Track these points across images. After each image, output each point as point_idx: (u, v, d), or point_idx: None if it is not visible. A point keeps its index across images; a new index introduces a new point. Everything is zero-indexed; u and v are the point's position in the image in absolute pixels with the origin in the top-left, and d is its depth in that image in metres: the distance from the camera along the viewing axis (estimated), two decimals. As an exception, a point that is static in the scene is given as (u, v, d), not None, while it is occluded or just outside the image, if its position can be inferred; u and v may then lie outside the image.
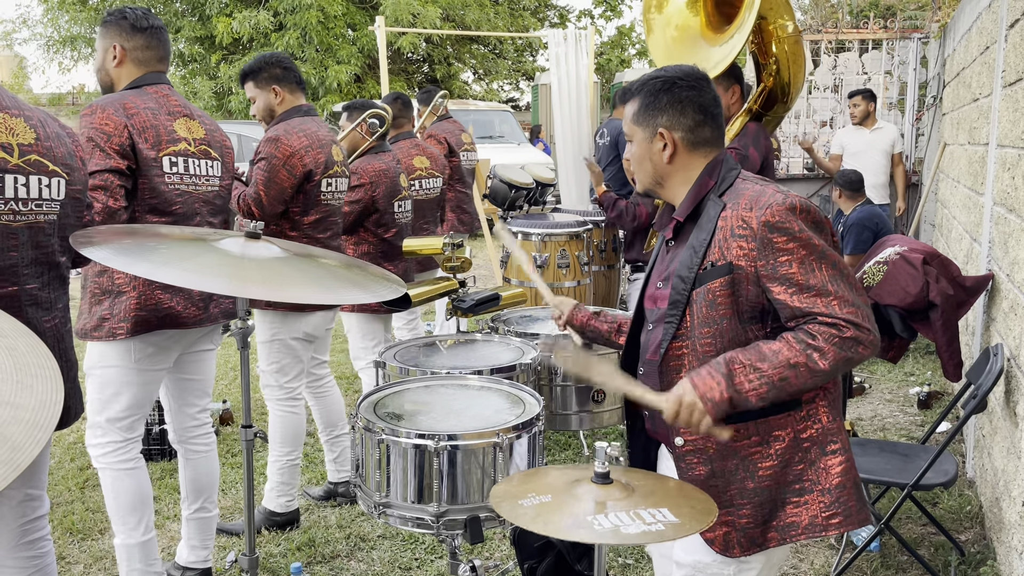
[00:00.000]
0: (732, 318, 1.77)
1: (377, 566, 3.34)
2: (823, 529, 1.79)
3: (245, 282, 1.96)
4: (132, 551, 2.88)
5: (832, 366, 1.67)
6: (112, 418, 2.84)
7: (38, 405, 1.05)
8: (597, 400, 3.08)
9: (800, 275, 1.70)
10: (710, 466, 1.83)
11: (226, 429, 4.85)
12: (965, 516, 3.68)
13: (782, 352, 1.68)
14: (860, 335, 1.67)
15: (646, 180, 1.93)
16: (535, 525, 1.50)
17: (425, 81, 20.10)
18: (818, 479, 1.79)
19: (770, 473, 1.79)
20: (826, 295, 1.69)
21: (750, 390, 1.68)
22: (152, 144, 2.73)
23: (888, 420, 4.90)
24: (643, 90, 1.88)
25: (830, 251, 1.73)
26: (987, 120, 4.19)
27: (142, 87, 2.81)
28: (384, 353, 2.77)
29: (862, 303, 1.71)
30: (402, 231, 4.09)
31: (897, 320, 3.70)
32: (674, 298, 1.82)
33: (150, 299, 2.75)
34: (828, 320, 1.68)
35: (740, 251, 1.74)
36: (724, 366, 1.70)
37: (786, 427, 1.79)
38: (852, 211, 5.72)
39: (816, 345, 1.67)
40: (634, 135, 1.91)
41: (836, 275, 1.71)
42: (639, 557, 3.38)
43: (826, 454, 1.80)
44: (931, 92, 7.67)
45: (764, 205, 1.73)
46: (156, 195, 2.74)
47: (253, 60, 3.48)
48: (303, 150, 3.33)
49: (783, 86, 3.29)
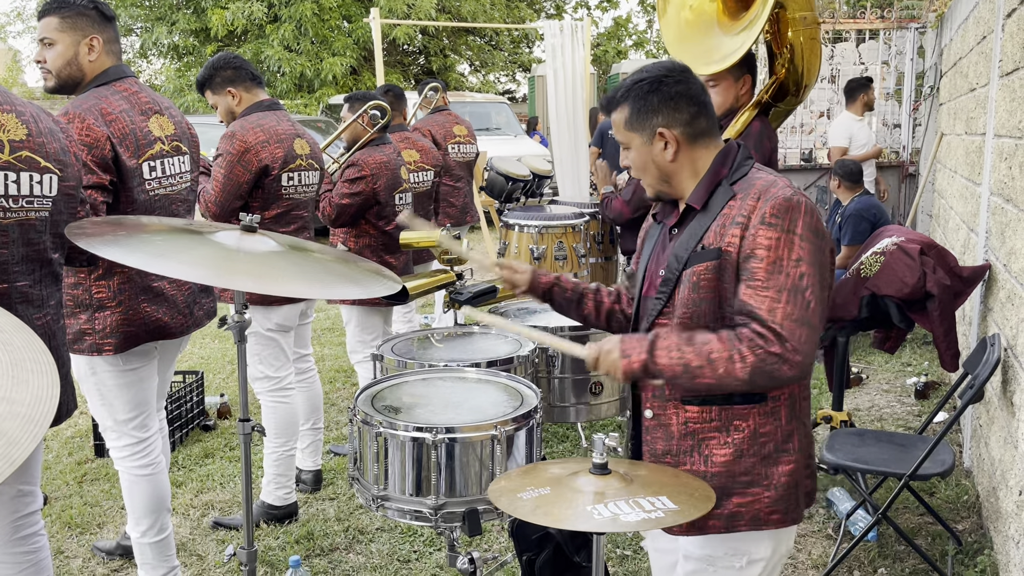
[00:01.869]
0: (712, 303, 1.78)
1: (376, 559, 3.34)
2: (763, 524, 1.82)
3: (238, 275, 1.95)
4: (145, 548, 2.92)
5: (749, 376, 1.67)
6: (120, 420, 2.84)
7: (34, 400, 1.04)
8: (595, 392, 3.09)
9: (763, 273, 1.69)
10: (668, 443, 1.85)
11: (223, 423, 4.85)
12: (962, 505, 3.69)
13: (710, 343, 1.69)
14: (786, 355, 1.65)
15: (653, 183, 1.89)
16: (534, 517, 1.50)
17: (421, 73, 20.05)
18: (767, 475, 1.81)
19: (723, 461, 1.81)
20: (776, 301, 1.67)
21: (665, 365, 1.71)
22: (132, 152, 2.65)
23: (885, 410, 4.91)
24: (631, 95, 1.84)
25: (806, 264, 1.69)
26: (984, 110, 4.18)
27: (110, 83, 2.70)
28: (382, 346, 2.77)
29: (810, 323, 1.68)
30: (402, 225, 4.08)
31: (894, 310, 3.70)
32: (667, 276, 1.84)
33: (136, 313, 2.72)
34: (760, 329, 1.67)
35: (733, 238, 1.74)
36: (653, 335, 1.75)
37: (748, 418, 1.80)
38: (850, 201, 5.72)
39: (740, 350, 1.67)
40: (631, 141, 1.86)
41: (797, 288, 1.68)
42: (637, 549, 3.39)
43: (779, 452, 1.82)
44: (928, 82, 7.66)
45: (770, 197, 1.73)
46: (136, 207, 2.68)
47: (203, 68, 3.46)
48: (258, 145, 3.31)
49: (796, 79, 3.19)
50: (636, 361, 1.73)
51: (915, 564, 3.25)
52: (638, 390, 2.01)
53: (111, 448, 2.91)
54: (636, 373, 1.75)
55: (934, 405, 4.35)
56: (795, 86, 3.19)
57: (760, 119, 3.16)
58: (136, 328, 2.73)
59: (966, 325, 4.38)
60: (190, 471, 4.17)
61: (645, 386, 1.89)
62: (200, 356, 6.22)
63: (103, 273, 2.68)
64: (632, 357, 1.74)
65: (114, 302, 2.69)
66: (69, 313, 2.70)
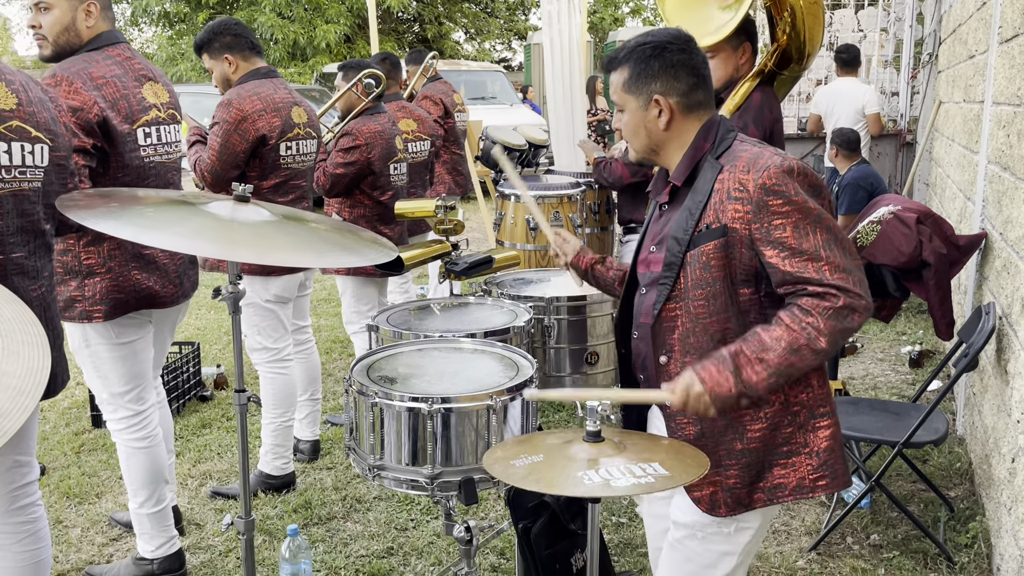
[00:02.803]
0: (725, 280, 1.77)
1: (373, 527, 3.36)
2: (811, 491, 1.82)
3: (235, 246, 1.94)
4: (143, 519, 2.94)
5: (831, 342, 1.67)
6: (115, 393, 2.85)
7: (25, 372, 1.04)
8: (590, 362, 3.09)
9: (793, 239, 1.69)
10: (699, 426, 1.84)
11: (220, 393, 4.86)
12: (955, 473, 3.72)
13: (784, 339, 1.67)
14: (852, 302, 1.66)
15: (641, 149, 1.89)
16: (527, 483, 1.51)
17: (416, 41, 19.84)
18: (807, 442, 1.81)
19: (759, 435, 1.81)
20: (818, 260, 1.68)
21: (758, 382, 1.67)
22: (125, 117, 2.62)
23: (880, 379, 4.94)
24: (632, 57, 1.82)
25: (825, 216, 1.71)
26: (983, 77, 4.15)
27: (102, 48, 2.65)
28: (377, 317, 2.76)
29: (855, 268, 1.70)
30: (397, 194, 4.06)
31: (890, 279, 3.70)
32: (668, 260, 1.81)
33: (127, 280, 2.70)
34: (818, 290, 1.66)
35: (735, 213, 1.73)
36: (731, 361, 1.68)
37: (778, 391, 1.79)
38: (848, 171, 5.70)
39: (813, 323, 1.65)
40: (626, 104, 1.86)
41: (830, 240, 1.69)
42: (632, 516, 3.42)
43: (815, 418, 1.82)
44: (927, 49, 7.60)
45: (761, 167, 1.72)
46: (128, 172, 2.64)
47: (202, 31, 3.41)
48: (255, 114, 3.27)
49: (799, 44, 3.14)
50: (730, 395, 1.68)
51: (907, 530, 3.29)
52: (628, 362, 2.01)
53: (108, 421, 2.92)
54: (732, 404, 1.70)
55: (928, 374, 4.37)
56: (798, 52, 3.14)
57: (761, 89, 3.11)
58: (126, 295, 2.71)
59: (961, 294, 4.38)
60: (187, 441, 4.19)
61: (658, 373, 1.87)
62: (196, 327, 6.21)
63: (92, 239, 2.66)
64: (722, 392, 1.67)
65: (103, 268, 2.67)
66: (59, 280, 2.68)
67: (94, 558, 3.18)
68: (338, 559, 3.14)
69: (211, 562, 3.13)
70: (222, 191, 3.25)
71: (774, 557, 3.14)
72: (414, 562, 3.12)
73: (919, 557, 3.12)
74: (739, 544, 1.88)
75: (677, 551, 1.93)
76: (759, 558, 3.12)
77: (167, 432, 3.16)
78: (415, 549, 3.20)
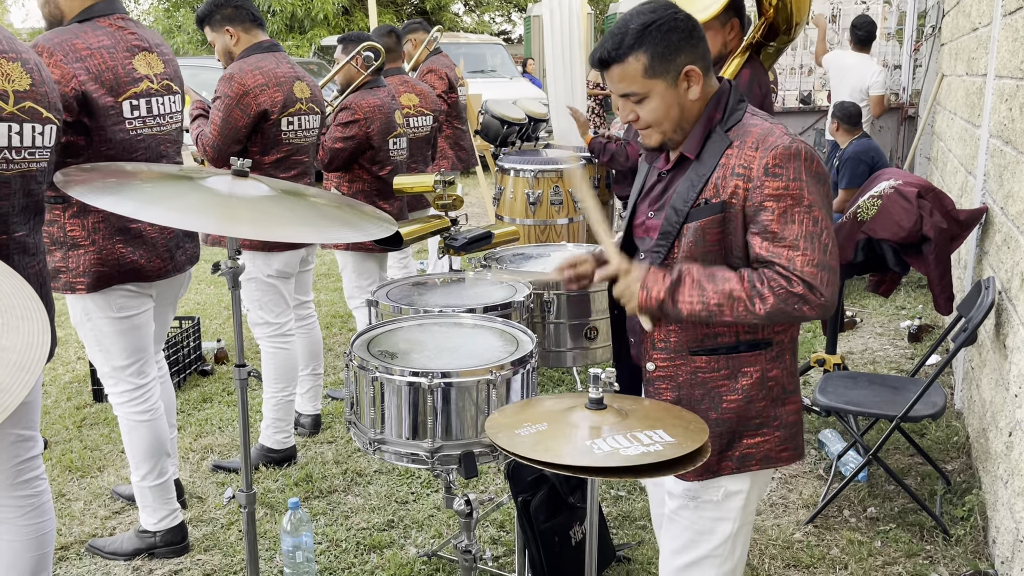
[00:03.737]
0: (718, 255, 1.78)
1: (374, 500, 3.39)
2: (776, 462, 1.88)
3: (234, 221, 1.94)
4: (145, 492, 2.97)
5: (768, 314, 1.70)
6: (118, 367, 2.85)
7: (25, 346, 1.04)
8: (590, 337, 3.10)
9: (777, 224, 1.70)
10: (677, 393, 1.87)
11: (220, 368, 4.87)
12: (952, 446, 3.75)
13: (731, 282, 1.71)
14: (808, 295, 1.68)
15: (671, 128, 1.80)
16: (535, 453, 1.51)
17: (414, 13, 19.66)
18: (777, 416, 1.86)
19: (734, 407, 1.84)
20: (794, 249, 1.68)
21: (684, 302, 1.72)
22: (109, 89, 2.58)
23: (879, 353, 4.95)
24: (646, 40, 1.72)
25: (818, 208, 1.70)
26: (986, 50, 4.12)
27: (93, 19, 2.62)
28: (377, 292, 2.76)
29: (829, 267, 1.70)
30: (397, 169, 4.04)
31: (890, 254, 3.70)
32: (665, 229, 1.82)
33: (111, 253, 2.69)
34: (784, 272, 1.69)
35: (736, 189, 1.73)
36: (677, 273, 1.74)
37: (755, 364, 1.83)
38: (849, 144, 5.67)
39: (761, 291, 1.69)
40: (651, 89, 1.75)
41: (813, 232, 1.69)
42: (631, 489, 3.45)
43: (787, 393, 1.87)
44: (930, 21, 7.53)
45: (770, 146, 1.71)
46: (112, 145, 2.62)
47: (204, 3, 3.38)
48: (257, 88, 3.25)
49: (787, 15, 3.12)
50: (654, 298, 1.74)
51: (904, 503, 3.31)
52: (621, 324, 2.02)
53: (110, 394, 2.93)
54: (651, 308, 1.75)
55: (927, 348, 4.38)
56: (785, 24, 3.12)
57: (750, 64, 3.09)
58: (109, 268, 2.70)
59: (961, 268, 4.38)
60: (188, 416, 4.21)
61: (644, 337, 1.89)
62: (196, 302, 6.22)
63: (77, 211, 2.64)
64: (651, 292, 1.74)
65: (87, 241, 2.66)
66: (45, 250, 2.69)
67: (97, 531, 3.20)
68: (339, 532, 3.17)
69: (213, 535, 3.16)
70: (224, 166, 3.23)
71: (771, 530, 3.16)
72: (414, 535, 3.15)
73: (915, 530, 3.15)
74: (731, 510, 1.91)
75: (675, 523, 1.97)
76: (756, 531, 3.15)
77: (169, 406, 3.17)
78: (415, 522, 3.23)
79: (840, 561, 2.98)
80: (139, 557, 3.00)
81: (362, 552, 3.06)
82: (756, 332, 1.82)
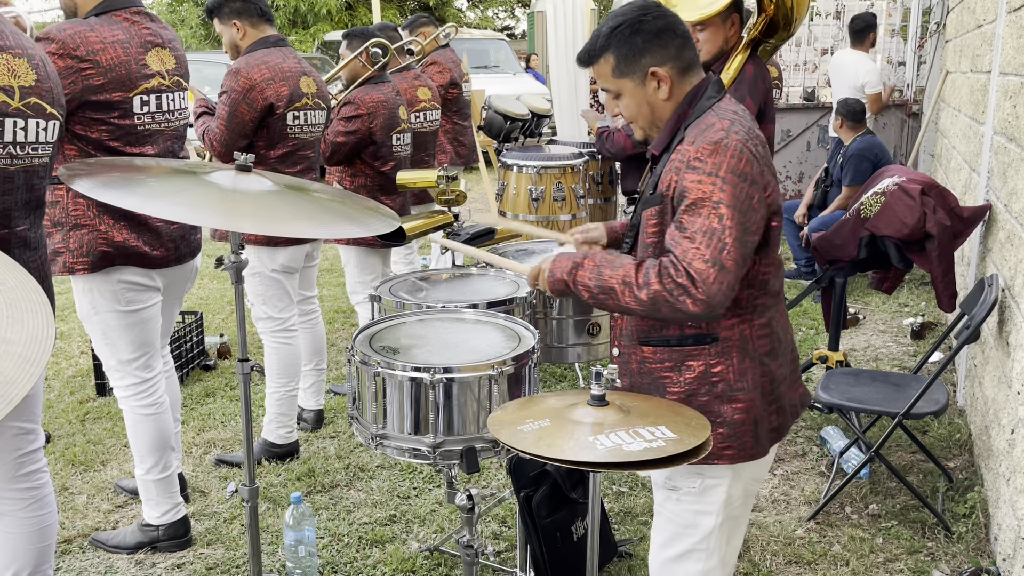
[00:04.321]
0: (658, 247, 1.82)
1: (376, 495, 3.40)
2: (716, 458, 1.88)
3: (237, 216, 1.94)
4: (149, 485, 2.98)
5: (649, 304, 1.71)
6: (123, 360, 2.86)
7: (30, 340, 1.04)
8: (592, 333, 3.10)
9: (684, 215, 1.72)
10: (629, 380, 1.95)
11: (223, 363, 4.88)
12: (954, 444, 3.75)
13: (623, 269, 1.76)
14: (690, 287, 1.67)
15: (647, 125, 1.88)
16: (538, 449, 1.51)
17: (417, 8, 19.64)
18: (720, 412, 1.86)
19: (676, 399, 1.86)
20: (691, 241, 1.69)
21: (581, 283, 1.81)
22: (119, 84, 2.59)
23: (881, 350, 4.95)
24: (612, 42, 1.81)
25: (725, 206, 1.68)
26: (991, 47, 4.11)
27: (110, 12, 2.63)
28: (379, 287, 2.76)
29: (725, 268, 1.67)
30: (400, 164, 4.04)
31: (893, 251, 3.69)
32: (633, 221, 1.91)
33: (115, 236, 2.69)
34: (674, 260, 1.70)
35: (671, 182, 1.77)
36: (579, 257, 1.84)
37: (699, 358, 1.85)
38: (852, 141, 5.66)
39: (649, 278, 1.72)
40: (622, 88, 1.84)
41: (714, 230, 1.67)
42: (633, 485, 3.45)
43: (733, 391, 1.85)
44: (934, 18, 7.51)
45: (700, 141, 1.73)
46: (119, 138, 2.64)
47: None
48: (263, 83, 3.26)
49: (786, 12, 3.14)
50: (559, 280, 1.85)
51: (906, 500, 3.31)
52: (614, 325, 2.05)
53: (115, 387, 2.93)
54: (560, 289, 1.86)
55: (930, 346, 4.37)
56: (784, 20, 3.13)
57: (752, 61, 3.10)
58: (113, 249, 2.70)
59: (964, 266, 4.38)
60: (191, 410, 4.22)
61: (614, 324, 1.98)
62: (199, 297, 6.23)
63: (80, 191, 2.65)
64: (556, 275, 1.85)
65: (92, 221, 2.66)
66: (45, 233, 2.69)
67: (100, 524, 3.21)
68: (341, 526, 3.17)
69: (215, 529, 3.17)
70: (231, 160, 3.23)
71: (773, 526, 3.17)
72: (416, 530, 3.16)
73: (917, 527, 3.15)
74: (712, 503, 1.91)
75: (660, 515, 2.00)
76: (758, 527, 3.15)
77: (174, 400, 3.18)
78: (417, 517, 3.24)
79: (842, 558, 2.98)
80: (142, 551, 3.01)
81: (364, 547, 3.07)
82: (701, 326, 1.84)
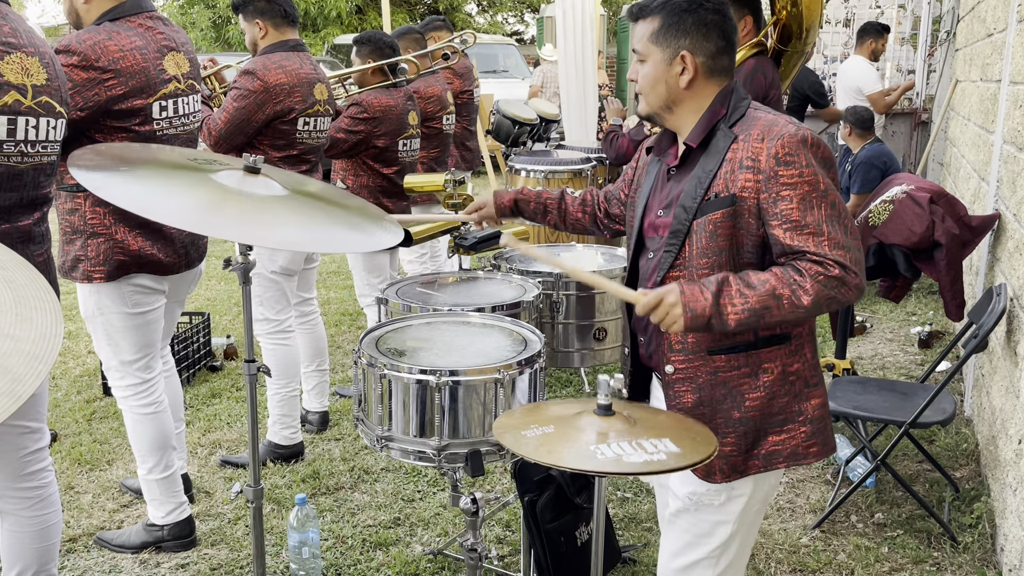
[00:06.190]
0: (731, 250, 1.78)
1: (380, 497, 3.40)
2: (803, 458, 1.86)
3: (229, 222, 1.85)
4: (152, 485, 2.98)
5: (814, 303, 1.69)
6: (125, 361, 2.86)
7: (38, 337, 1.05)
8: (598, 338, 3.09)
9: (798, 212, 1.70)
10: (698, 395, 1.85)
11: (230, 364, 4.89)
12: (961, 453, 3.73)
13: (769, 282, 1.69)
14: (845, 276, 1.68)
15: (656, 103, 1.86)
16: (538, 455, 1.51)
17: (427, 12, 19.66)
18: (801, 411, 1.85)
19: (757, 404, 1.83)
20: (819, 235, 1.69)
21: (731, 313, 1.68)
22: (139, 91, 2.60)
23: (888, 359, 4.93)
24: (665, 8, 1.80)
25: (832, 191, 1.72)
26: (1001, 56, 4.10)
27: (121, 18, 2.61)
28: (386, 290, 2.77)
29: (854, 247, 1.71)
30: (405, 169, 4.04)
31: (901, 259, 3.68)
32: (675, 227, 1.82)
33: (130, 243, 2.70)
34: (815, 258, 1.68)
35: (746, 183, 1.73)
36: (715, 285, 1.70)
37: (775, 360, 1.82)
38: (861, 149, 5.65)
39: (801, 281, 1.68)
40: (649, 55, 1.83)
41: (833, 216, 1.70)
42: (638, 491, 3.44)
43: (809, 387, 1.85)
44: (944, 27, 7.49)
45: (776, 136, 1.71)
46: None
47: None
48: (278, 87, 3.27)
49: (799, 19, 3.13)
50: (701, 316, 1.68)
51: (912, 510, 3.30)
52: (637, 337, 2.01)
53: (114, 388, 2.93)
54: (700, 326, 1.70)
55: (937, 355, 4.35)
56: (798, 27, 3.13)
57: (756, 58, 3.11)
58: (128, 257, 2.71)
59: (973, 275, 4.36)
60: (197, 411, 4.23)
61: (662, 339, 1.88)
62: (206, 298, 6.24)
63: (98, 199, 2.65)
64: (697, 311, 1.68)
65: (108, 230, 2.67)
66: (66, 240, 2.70)
67: (105, 524, 3.22)
68: (345, 528, 3.17)
69: (220, 529, 3.17)
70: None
71: (778, 534, 3.15)
72: (420, 533, 3.16)
73: (923, 536, 3.14)
74: (732, 513, 1.89)
75: (675, 524, 1.96)
76: (763, 535, 3.14)
77: (176, 400, 3.19)
78: (421, 520, 3.24)
79: (847, 566, 2.97)
80: (146, 550, 3.02)
81: (368, 549, 3.07)
82: (776, 328, 1.80)
